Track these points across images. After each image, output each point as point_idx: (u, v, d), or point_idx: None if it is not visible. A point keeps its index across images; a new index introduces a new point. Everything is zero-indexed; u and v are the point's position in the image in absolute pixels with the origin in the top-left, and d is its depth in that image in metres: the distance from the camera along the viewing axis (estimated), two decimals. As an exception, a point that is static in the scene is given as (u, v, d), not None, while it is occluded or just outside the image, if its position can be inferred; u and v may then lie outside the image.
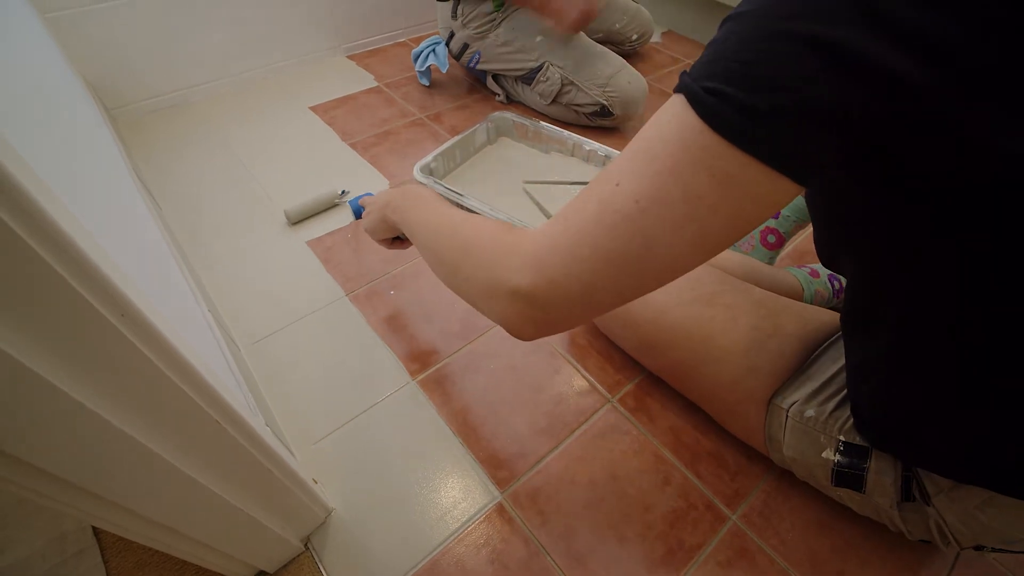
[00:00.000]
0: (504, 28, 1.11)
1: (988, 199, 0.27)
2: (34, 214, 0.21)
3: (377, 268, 0.85)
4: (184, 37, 1.12)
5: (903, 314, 0.39)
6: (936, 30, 0.23)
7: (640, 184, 0.29)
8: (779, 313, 0.60)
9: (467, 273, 0.40)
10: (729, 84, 0.26)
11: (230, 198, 0.96)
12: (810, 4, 0.24)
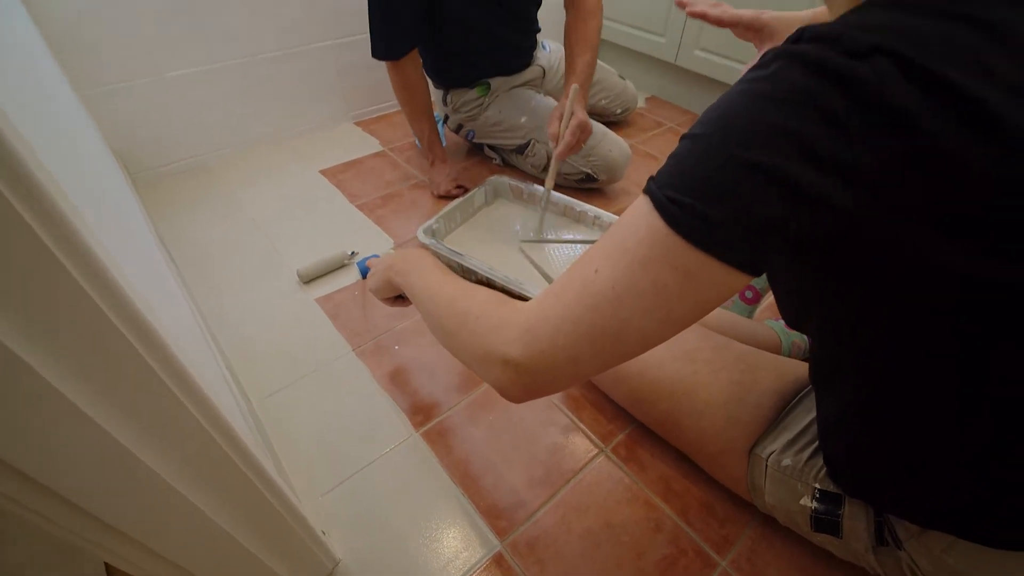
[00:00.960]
0: (492, 111, 1.21)
1: (907, 284, 0.33)
2: (102, 277, 0.25)
3: (382, 324, 0.90)
4: (204, 109, 1.22)
5: (860, 374, 0.44)
6: (852, 161, 0.28)
7: (615, 273, 0.35)
8: (756, 367, 0.65)
9: (464, 340, 0.45)
10: (688, 195, 0.32)
11: (243, 257, 1.03)
12: (753, 136, 0.30)
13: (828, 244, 0.32)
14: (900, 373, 0.40)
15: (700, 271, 0.33)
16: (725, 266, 0.32)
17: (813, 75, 0.28)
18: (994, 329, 0.32)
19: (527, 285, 0.87)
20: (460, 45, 1.13)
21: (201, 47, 1.15)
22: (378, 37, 1.03)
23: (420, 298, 0.56)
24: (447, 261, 0.97)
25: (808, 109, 0.28)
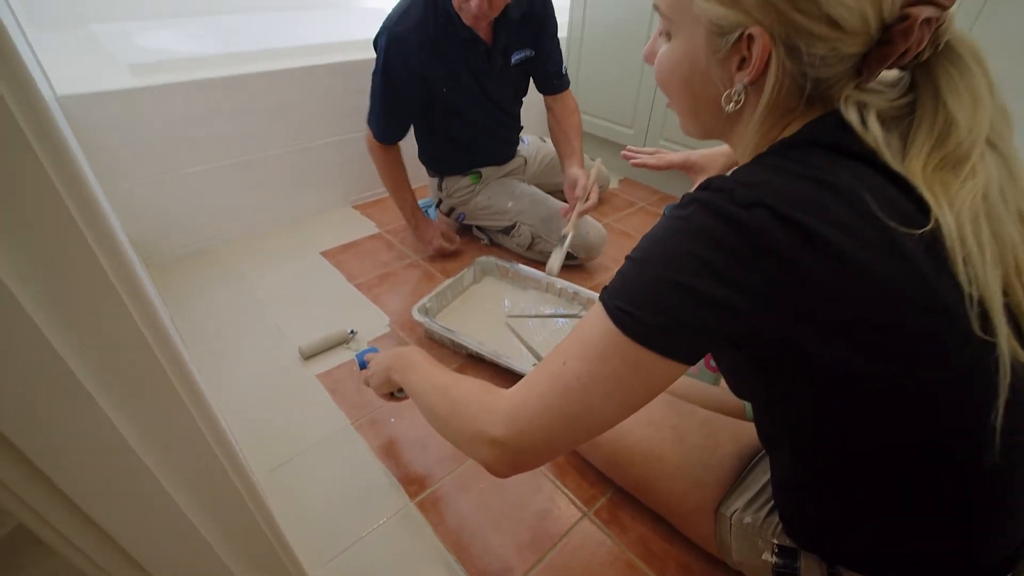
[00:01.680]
0: (482, 196, 1.36)
1: (801, 371, 0.42)
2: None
3: (378, 399, 0.96)
4: (215, 199, 1.33)
5: (791, 439, 0.52)
6: (747, 281, 0.38)
7: (580, 365, 0.44)
8: (718, 431, 0.73)
9: (455, 425, 0.53)
10: (632, 306, 0.41)
11: (249, 336, 1.10)
12: (675, 261, 0.40)
13: (739, 341, 0.41)
14: (819, 439, 0.48)
15: (646, 363, 0.41)
16: (664, 359, 0.41)
17: (714, 218, 0.38)
18: (867, 407, 0.41)
19: (513, 359, 0.95)
20: (457, 136, 1.28)
21: (216, 148, 1.28)
22: (380, 125, 1.18)
23: (416, 391, 0.64)
24: (439, 338, 1.05)
25: (713, 242, 0.38)
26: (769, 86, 0.41)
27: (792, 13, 0.37)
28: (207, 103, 1.22)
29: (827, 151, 0.40)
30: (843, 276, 0.36)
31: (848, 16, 0.36)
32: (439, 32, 1.08)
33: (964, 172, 0.38)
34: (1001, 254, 0.38)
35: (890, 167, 0.39)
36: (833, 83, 0.40)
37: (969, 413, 0.39)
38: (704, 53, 0.43)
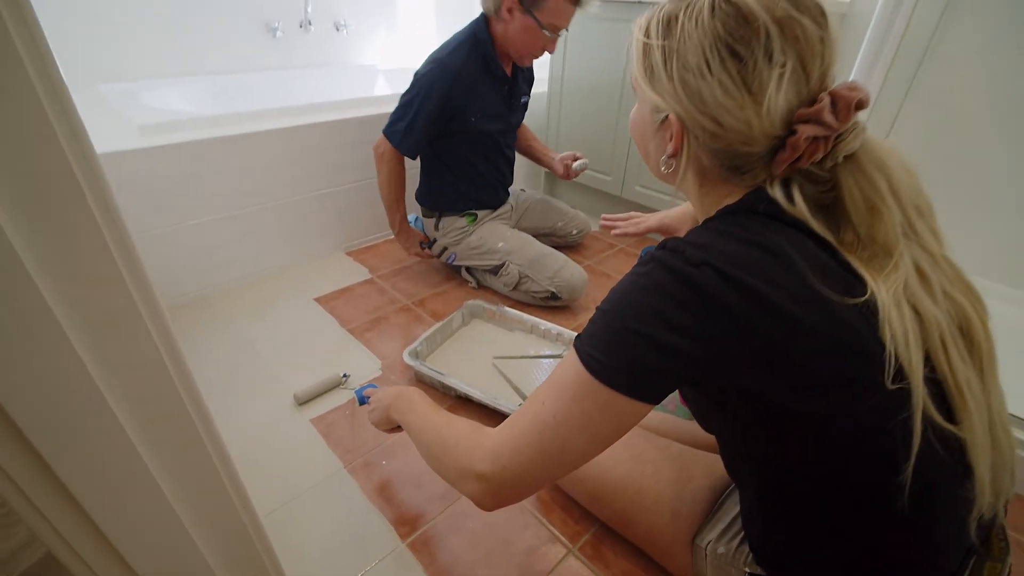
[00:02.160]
0: (475, 237, 1.45)
1: (750, 409, 0.48)
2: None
3: (371, 441, 1.00)
4: (213, 250, 1.39)
5: (751, 470, 0.57)
6: (699, 330, 0.44)
7: (556, 406, 0.49)
8: (692, 465, 0.78)
9: (447, 462, 0.58)
10: (600, 353, 0.47)
11: (243, 383, 1.14)
12: (636, 313, 0.46)
13: (695, 382, 0.48)
14: (771, 471, 0.53)
15: (614, 403, 0.47)
16: (630, 399, 0.47)
17: (669, 275, 0.45)
18: (803, 443, 0.47)
19: (500, 399, 1.00)
20: (469, 169, 1.41)
21: (215, 202, 1.35)
22: (410, 137, 1.28)
23: (413, 431, 0.69)
24: (429, 380, 1.10)
25: (667, 296, 0.45)
26: (683, 160, 0.50)
27: (693, 111, 0.47)
28: (209, 161, 1.30)
29: (765, 218, 0.47)
30: (777, 327, 0.42)
31: (732, 122, 0.45)
32: (480, 70, 1.28)
33: (888, 266, 0.44)
34: (926, 332, 0.43)
35: (820, 234, 0.45)
36: (750, 168, 0.48)
37: (887, 458, 0.44)
38: (648, 122, 0.54)
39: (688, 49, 0.46)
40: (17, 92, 0.22)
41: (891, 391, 0.42)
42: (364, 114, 1.54)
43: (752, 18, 0.43)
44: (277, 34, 1.95)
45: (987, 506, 0.46)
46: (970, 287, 0.47)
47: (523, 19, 1.19)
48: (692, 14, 0.46)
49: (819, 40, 0.43)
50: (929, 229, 0.47)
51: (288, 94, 1.87)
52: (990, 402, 0.46)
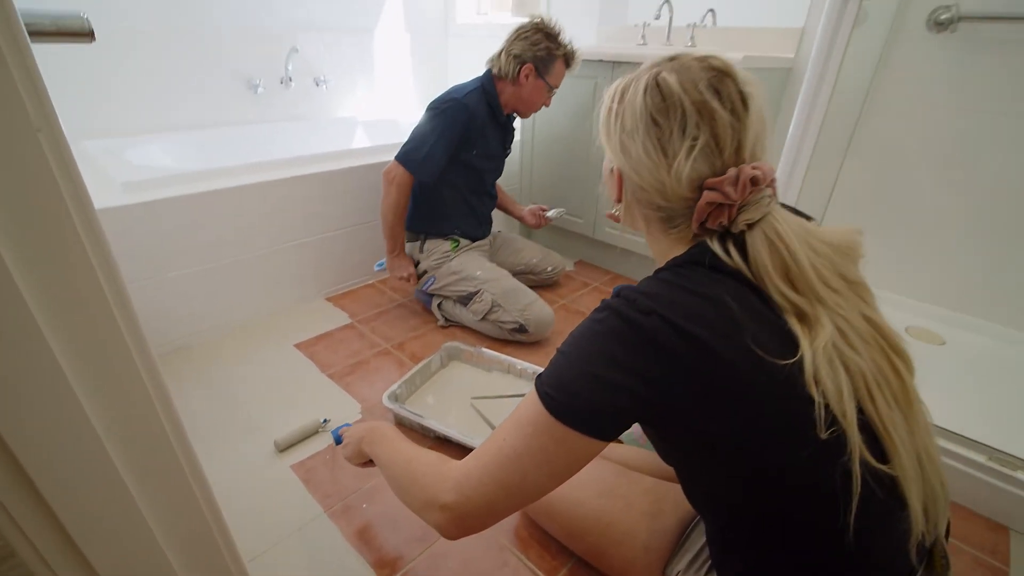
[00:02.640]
0: (455, 262, 1.53)
1: (695, 442, 0.52)
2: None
3: (351, 485, 1.02)
4: (194, 300, 1.41)
5: (707, 504, 0.61)
6: (647, 371, 0.48)
7: (516, 441, 0.53)
8: (662, 498, 0.81)
9: (414, 493, 0.61)
10: (557, 392, 0.51)
11: (223, 432, 1.15)
12: (591, 356, 0.50)
13: (643, 418, 0.52)
14: (724, 503, 0.57)
15: (568, 439, 0.51)
16: (584, 436, 0.51)
17: (621, 322, 0.50)
18: (745, 479, 0.51)
19: (478, 439, 1.03)
20: (463, 195, 1.53)
21: (197, 254, 1.38)
22: (429, 161, 1.40)
23: (383, 463, 0.72)
24: (409, 423, 1.12)
25: (619, 341, 0.49)
26: (623, 206, 0.59)
27: (626, 164, 0.55)
28: (191, 215, 1.34)
29: (708, 270, 0.52)
30: (717, 373, 0.47)
31: (648, 178, 0.54)
32: (488, 114, 1.48)
33: (811, 324, 0.48)
34: (854, 384, 0.47)
35: (755, 283, 0.50)
36: (677, 222, 0.55)
37: (830, 500, 0.47)
38: (605, 172, 0.62)
39: (627, 114, 0.55)
40: (40, 180, 0.26)
41: (826, 440, 0.45)
42: (342, 166, 1.61)
43: (671, 97, 0.52)
44: (258, 90, 2.04)
45: (923, 533, 0.50)
46: (888, 336, 0.52)
47: (536, 82, 1.45)
48: (636, 87, 0.54)
49: (731, 124, 0.51)
50: (845, 287, 0.52)
51: (269, 147, 1.94)
52: (915, 439, 0.50)
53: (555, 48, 1.41)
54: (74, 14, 0.42)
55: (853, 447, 0.46)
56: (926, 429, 0.52)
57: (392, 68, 2.46)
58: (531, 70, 1.42)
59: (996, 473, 0.98)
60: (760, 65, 1.42)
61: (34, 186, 0.26)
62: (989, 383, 1.29)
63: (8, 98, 0.24)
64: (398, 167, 1.42)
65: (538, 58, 1.41)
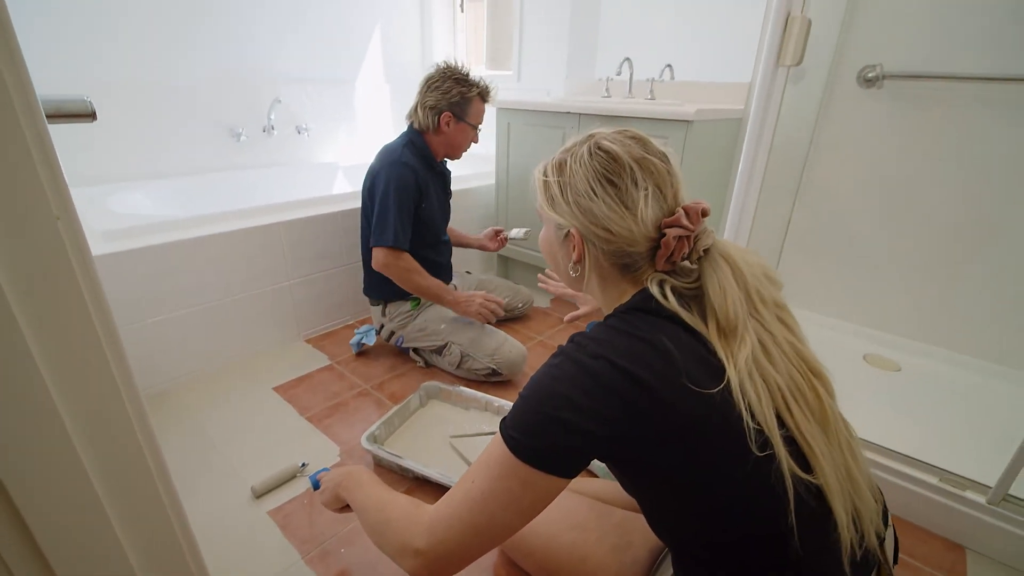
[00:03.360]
0: (419, 320, 1.55)
1: (649, 476, 0.56)
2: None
3: (328, 529, 1.02)
4: (173, 344, 1.42)
5: (667, 533, 0.65)
6: (601, 411, 0.53)
7: (483, 484, 0.56)
8: (632, 531, 0.84)
9: (388, 537, 0.63)
10: (520, 434, 0.55)
11: (200, 478, 1.14)
12: (548, 399, 0.54)
13: (600, 455, 0.56)
14: (680, 531, 0.61)
15: (532, 479, 0.54)
16: (546, 475, 0.54)
17: (574, 366, 0.55)
18: (696, 507, 0.55)
19: (456, 477, 1.05)
20: (418, 254, 1.50)
21: (177, 299, 1.40)
22: (401, 232, 1.42)
23: (359, 508, 0.74)
24: (388, 464, 1.14)
25: (573, 384, 0.54)
26: (588, 264, 0.63)
27: (587, 224, 0.60)
28: (171, 262, 1.37)
29: (648, 314, 0.58)
30: (659, 409, 0.52)
31: (619, 229, 0.58)
32: (425, 167, 1.50)
33: (737, 340, 0.54)
34: (772, 395, 0.54)
35: (690, 324, 0.56)
36: (638, 267, 0.61)
37: (774, 512, 0.52)
38: (554, 239, 0.67)
39: (577, 181, 0.60)
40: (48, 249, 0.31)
41: (760, 457, 0.50)
42: (322, 212, 1.67)
43: (619, 158, 0.59)
44: (241, 138, 2.10)
45: (851, 543, 0.54)
46: (807, 359, 0.58)
47: (458, 126, 1.48)
48: (576, 158, 0.61)
49: (667, 172, 0.59)
50: (772, 309, 0.59)
51: (251, 192, 1.99)
52: (834, 453, 0.55)
53: (467, 91, 1.44)
54: (78, 98, 0.47)
55: (780, 455, 0.51)
56: (848, 446, 0.57)
57: (372, 116, 2.56)
58: (449, 117, 1.45)
59: (948, 493, 1.03)
60: (715, 117, 1.53)
61: (53, 271, 0.30)
62: (942, 407, 1.36)
63: (33, 191, 0.29)
64: (379, 251, 1.43)
65: (453, 104, 1.44)
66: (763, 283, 0.60)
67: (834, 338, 1.67)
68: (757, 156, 1.12)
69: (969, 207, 1.41)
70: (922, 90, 1.39)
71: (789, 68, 0.98)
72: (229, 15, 1.98)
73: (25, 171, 0.29)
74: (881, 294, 1.62)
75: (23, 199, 0.28)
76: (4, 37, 0.28)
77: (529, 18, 2.21)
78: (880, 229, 1.56)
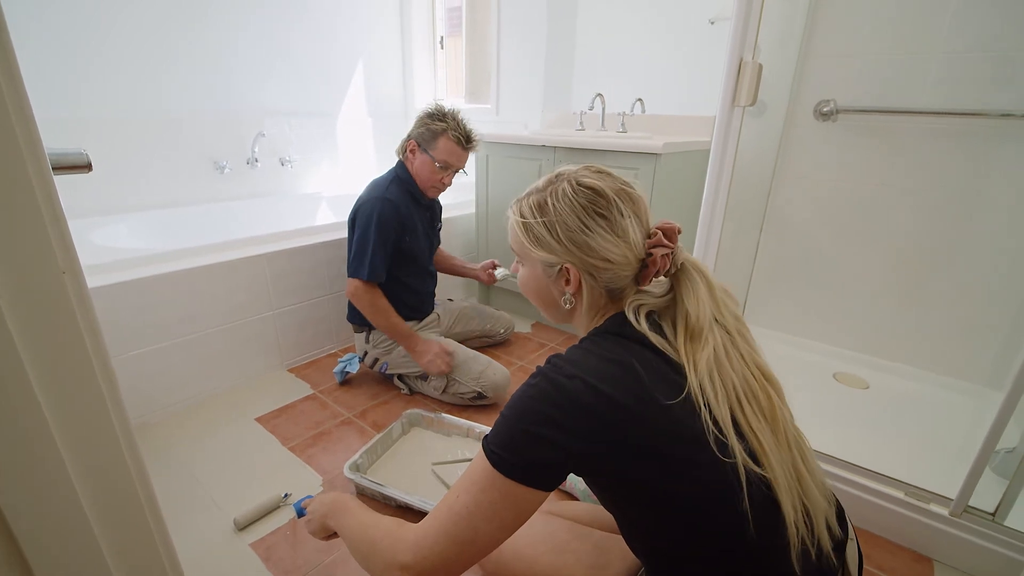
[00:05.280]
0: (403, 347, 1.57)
1: (623, 487, 0.60)
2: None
3: (312, 559, 1.02)
4: (152, 377, 1.42)
5: (643, 549, 0.67)
6: (575, 426, 0.56)
7: (468, 498, 0.59)
8: (609, 551, 0.87)
9: (374, 558, 0.65)
10: (501, 450, 0.58)
11: (181, 512, 1.13)
12: (526, 415, 0.58)
13: (578, 469, 0.60)
14: (654, 544, 0.64)
15: (514, 492, 0.57)
16: (526, 488, 0.57)
17: (550, 385, 0.58)
18: (668, 518, 0.58)
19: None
20: (402, 282, 1.55)
21: (159, 331, 1.41)
22: (375, 266, 1.45)
23: (345, 533, 0.75)
24: (371, 493, 1.15)
25: (549, 402, 0.57)
26: (585, 294, 0.67)
27: (584, 258, 0.64)
28: (154, 295, 1.38)
29: (619, 337, 0.62)
30: (629, 424, 0.56)
31: (618, 257, 0.63)
32: (409, 200, 1.53)
33: (701, 342, 0.60)
34: (727, 392, 0.59)
35: (656, 346, 0.61)
36: (622, 289, 0.66)
37: (737, 510, 0.55)
38: (543, 277, 0.70)
39: (565, 217, 0.64)
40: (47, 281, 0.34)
41: (719, 454, 0.54)
42: (305, 243, 1.70)
43: (603, 193, 0.64)
44: (225, 170, 2.13)
45: (804, 542, 0.57)
46: (761, 366, 0.64)
47: (422, 157, 1.50)
48: (558, 197, 0.65)
49: (639, 198, 0.66)
50: (732, 321, 0.65)
51: (235, 223, 2.02)
52: (783, 452, 0.59)
53: (435, 124, 1.47)
54: (76, 151, 0.51)
55: (733, 446, 0.55)
56: (797, 445, 0.61)
57: (355, 148, 2.62)
58: (414, 146, 1.50)
59: (914, 507, 1.07)
60: (683, 149, 1.62)
61: (57, 324, 0.33)
62: (908, 422, 1.42)
63: (42, 247, 0.32)
64: (352, 282, 1.48)
65: (419, 134, 1.49)
66: (726, 295, 0.66)
67: (805, 358, 1.73)
68: (719, 189, 1.19)
69: (925, 229, 1.50)
70: (875, 123, 1.49)
71: (744, 107, 1.06)
72: (213, 49, 2.03)
73: (36, 228, 0.32)
74: (848, 314, 1.70)
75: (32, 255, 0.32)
76: (15, 95, 0.31)
77: (506, 54, 2.31)
78: (844, 252, 1.65)
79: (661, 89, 1.90)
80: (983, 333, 1.49)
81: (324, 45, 2.38)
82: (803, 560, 0.57)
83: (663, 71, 1.90)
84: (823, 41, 1.51)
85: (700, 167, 1.75)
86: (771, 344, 1.80)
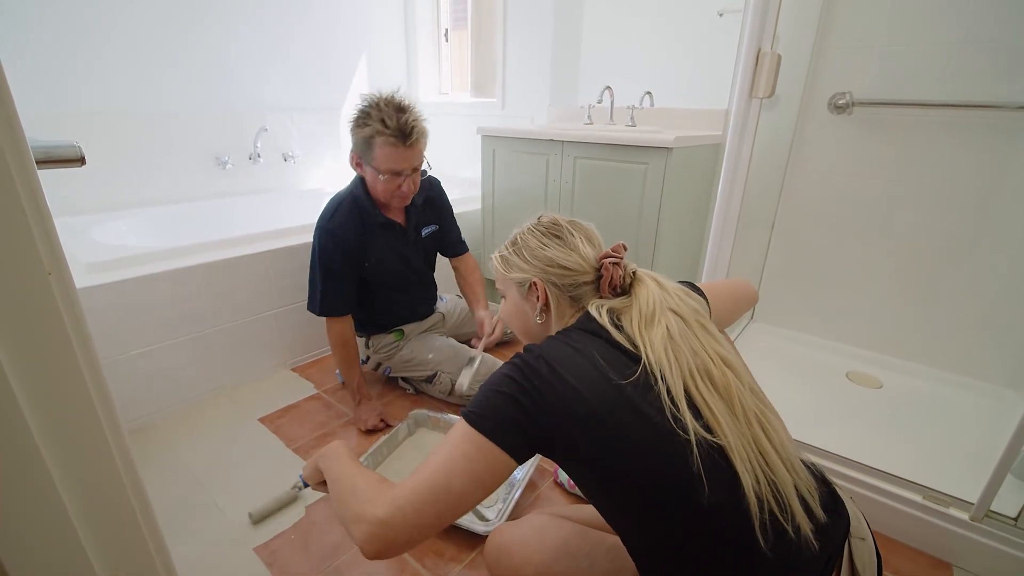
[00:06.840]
0: (405, 351, 1.54)
1: (602, 471, 0.60)
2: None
3: (319, 564, 1.00)
4: (156, 377, 1.40)
5: (629, 544, 0.66)
6: (540, 400, 0.60)
7: (443, 451, 0.61)
8: (623, 556, 0.84)
9: (350, 506, 0.64)
10: (478, 409, 0.62)
11: (186, 512, 1.12)
12: (501, 382, 0.63)
13: (545, 447, 0.63)
14: (635, 536, 0.65)
15: (486, 448, 0.61)
16: (495, 445, 0.60)
17: (523, 362, 0.65)
18: (636, 501, 0.59)
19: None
20: (382, 301, 1.48)
21: (160, 330, 1.39)
22: (321, 302, 1.37)
23: (331, 478, 0.75)
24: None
25: (518, 370, 0.64)
26: (553, 305, 0.76)
27: (545, 268, 0.75)
28: (156, 293, 1.36)
29: (583, 332, 0.68)
30: (583, 405, 0.60)
31: (573, 264, 0.74)
32: (361, 223, 1.37)
33: (655, 324, 0.66)
34: (680, 367, 0.62)
35: (615, 340, 0.65)
36: (584, 296, 0.74)
37: (686, 484, 0.56)
38: (519, 299, 0.79)
39: (529, 244, 0.77)
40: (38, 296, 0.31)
41: (673, 427, 0.58)
42: (307, 240, 1.66)
43: (557, 222, 0.78)
44: (227, 166, 2.11)
45: (767, 513, 0.56)
46: (721, 352, 0.66)
47: (369, 171, 1.31)
48: (524, 232, 0.79)
49: (590, 229, 0.79)
50: (693, 315, 0.69)
51: (236, 220, 1.99)
52: (740, 426, 0.61)
53: (360, 128, 1.26)
54: (67, 143, 0.48)
55: (685, 416, 0.58)
56: (758, 420, 0.63)
57: (358, 142, 2.58)
58: (357, 159, 1.33)
59: (932, 511, 1.05)
60: (694, 143, 1.58)
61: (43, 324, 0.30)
62: (922, 423, 1.39)
63: (26, 247, 0.29)
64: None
65: (356, 144, 1.30)
66: (684, 295, 0.72)
67: (817, 356, 1.70)
68: (735, 183, 1.15)
69: (939, 225, 1.46)
70: (890, 116, 1.45)
71: (762, 99, 1.03)
72: (215, 43, 2.00)
73: (19, 227, 0.29)
74: (861, 312, 1.66)
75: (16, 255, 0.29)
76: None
77: (512, 47, 2.27)
78: (857, 249, 1.61)
79: (668, 83, 1.86)
80: (1000, 332, 1.45)
81: (327, 38, 2.35)
82: (775, 536, 0.57)
83: (670, 64, 1.86)
84: (840, 31, 1.47)
85: (709, 162, 1.72)
86: (782, 342, 1.77)
